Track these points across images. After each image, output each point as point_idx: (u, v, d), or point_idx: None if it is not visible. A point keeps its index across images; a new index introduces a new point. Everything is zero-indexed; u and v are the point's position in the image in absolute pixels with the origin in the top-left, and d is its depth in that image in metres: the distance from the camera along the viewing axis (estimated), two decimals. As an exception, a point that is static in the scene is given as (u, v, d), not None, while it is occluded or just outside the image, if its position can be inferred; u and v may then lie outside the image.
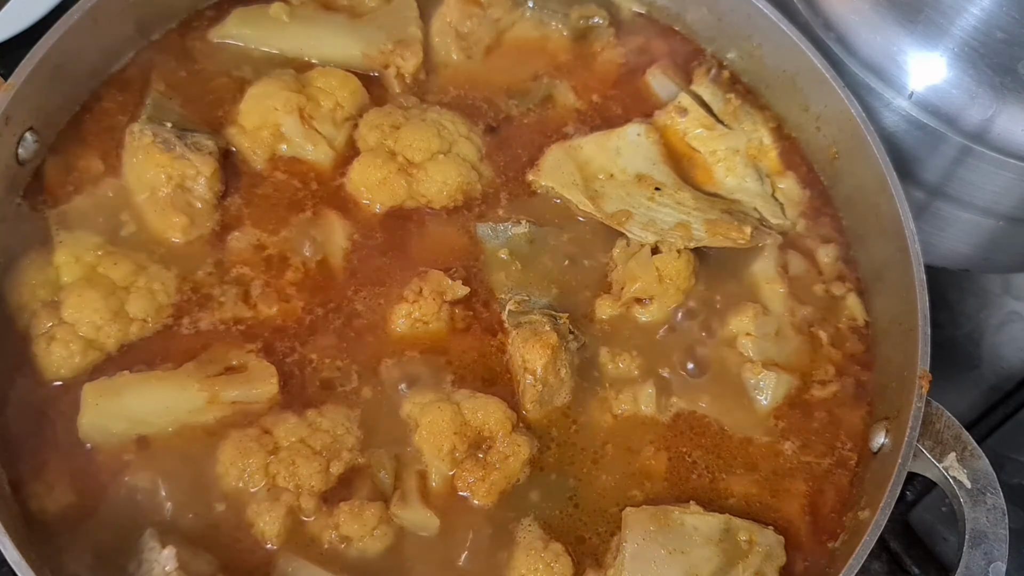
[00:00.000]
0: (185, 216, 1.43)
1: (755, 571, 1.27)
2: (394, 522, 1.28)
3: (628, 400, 1.41)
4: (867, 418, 1.45)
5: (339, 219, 1.48)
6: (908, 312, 1.41)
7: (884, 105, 1.58)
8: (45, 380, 1.31)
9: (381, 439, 1.33)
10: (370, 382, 1.37)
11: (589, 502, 1.34)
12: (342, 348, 1.39)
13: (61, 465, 1.27)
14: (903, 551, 1.72)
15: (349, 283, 1.44)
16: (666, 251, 1.47)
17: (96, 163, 1.47)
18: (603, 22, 1.72)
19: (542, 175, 1.55)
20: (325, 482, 1.27)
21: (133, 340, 1.36)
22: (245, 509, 1.26)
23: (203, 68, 1.58)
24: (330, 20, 1.62)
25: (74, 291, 1.34)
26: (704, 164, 1.61)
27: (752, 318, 1.46)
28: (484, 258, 1.48)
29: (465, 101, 1.62)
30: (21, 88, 1.37)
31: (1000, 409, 1.89)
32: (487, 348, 1.42)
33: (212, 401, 1.30)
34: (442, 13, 1.65)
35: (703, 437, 1.41)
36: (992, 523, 1.29)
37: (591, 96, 1.66)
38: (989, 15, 1.49)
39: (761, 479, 1.39)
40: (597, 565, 1.29)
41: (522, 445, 1.31)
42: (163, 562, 1.18)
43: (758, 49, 1.66)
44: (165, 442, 1.29)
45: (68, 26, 1.43)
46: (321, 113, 1.52)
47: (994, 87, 1.51)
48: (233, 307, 1.40)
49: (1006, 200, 1.60)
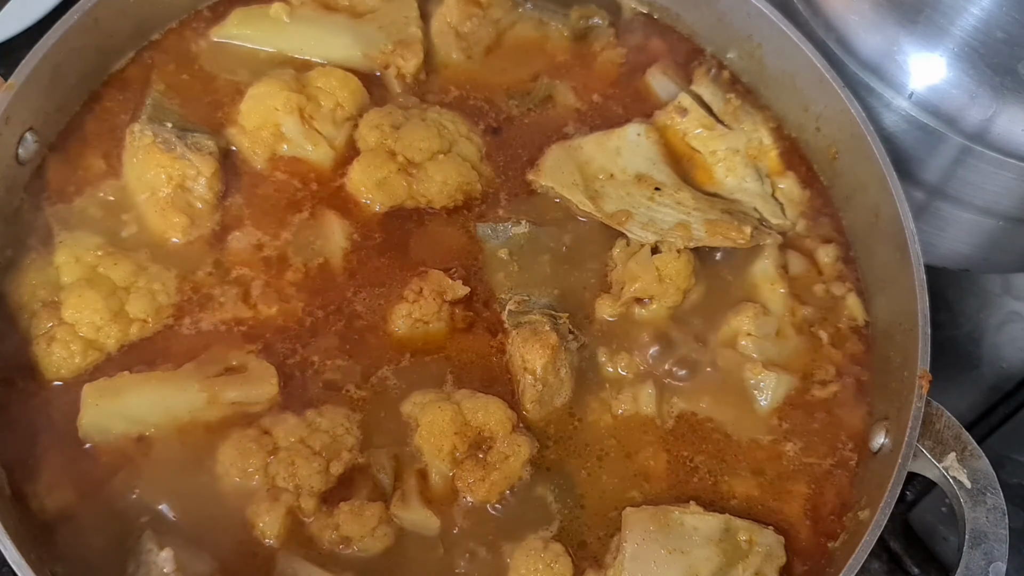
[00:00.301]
0: (185, 216, 1.43)
1: (755, 571, 1.27)
2: (394, 522, 1.28)
3: (628, 400, 1.41)
4: (867, 418, 1.45)
5: (339, 219, 1.48)
6: (908, 312, 1.40)
7: (884, 105, 1.58)
8: (45, 380, 1.32)
9: (381, 439, 1.33)
10: (370, 382, 1.37)
11: (589, 502, 1.34)
12: (342, 348, 1.39)
13: (61, 465, 1.27)
14: (903, 551, 1.72)
15: (349, 283, 1.44)
16: (666, 251, 1.47)
17: (96, 163, 1.47)
18: (603, 22, 1.72)
19: (542, 175, 1.55)
20: (325, 482, 1.27)
21: (133, 340, 1.36)
22: (245, 509, 1.26)
23: (203, 68, 1.58)
24: (330, 20, 1.62)
25: (74, 291, 1.34)
26: (704, 164, 1.61)
27: (752, 318, 1.46)
28: (484, 258, 1.48)
29: (465, 101, 1.62)
30: (21, 88, 1.37)
31: (1000, 409, 1.89)
32: (487, 348, 1.42)
33: (212, 402, 1.30)
34: (442, 13, 1.65)
35: (703, 437, 1.41)
36: (992, 523, 1.29)
37: (591, 96, 1.66)
38: (989, 15, 1.49)
39: (761, 479, 1.39)
40: (597, 565, 1.29)
41: (522, 445, 1.31)
42: (161, 563, 1.18)
43: (758, 49, 1.66)
44: (165, 442, 1.29)
45: (68, 26, 1.43)
46: (321, 113, 1.52)
47: (994, 87, 1.50)
48: (233, 307, 1.40)
49: (1006, 200, 1.60)
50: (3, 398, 1.30)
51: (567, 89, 1.65)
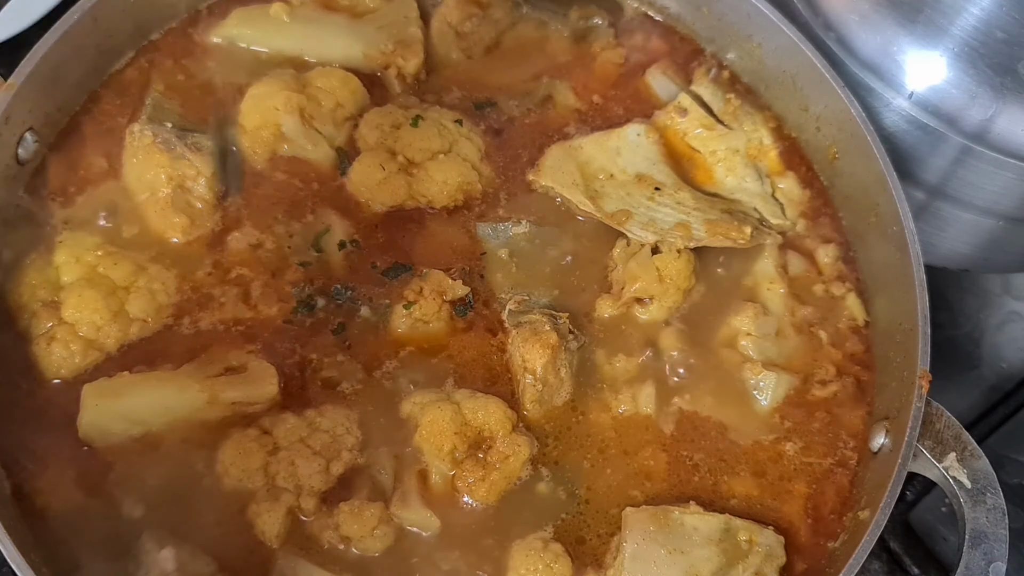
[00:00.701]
0: (185, 216, 1.43)
1: (755, 571, 1.27)
2: (394, 522, 1.28)
3: (628, 400, 1.41)
4: (867, 418, 1.44)
5: (339, 219, 1.48)
6: (908, 312, 1.40)
7: (884, 105, 1.58)
8: (45, 380, 1.32)
9: (381, 439, 1.33)
10: (370, 382, 1.37)
11: (589, 501, 1.34)
12: (342, 348, 1.39)
13: (61, 465, 1.27)
14: (903, 551, 1.71)
15: (349, 283, 1.44)
16: (666, 251, 1.47)
17: (96, 163, 1.47)
18: (603, 22, 1.72)
19: (542, 175, 1.55)
20: (325, 482, 1.27)
21: (133, 340, 1.36)
22: (245, 509, 1.26)
23: (203, 68, 1.58)
24: (330, 20, 1.62)
25: (74, 291, 1.34)
26: (704, 164, 1.61)
27: (752, 318, 1.46)
28: (484, 258, 1.48)
29: (466, 101, 1.62)
30: (21, 88, 1.37)
31: (1000, 409, 1.89)
32: (487, 348, 1.42)
33: (212, 402, 1.30)
34: (442, 13, 1.65)
35: (703, 437, 1.41)
36: (992, 523, 1.28)
37: (591, 96, 1.66)
38: (989, 15, 1.49)
39: (761, 479, 1.39)
40: (597, 565, 1.29)
41: (522, 445, 1.31)
42: (161, 563, 1.18)
43: (758, 49, 1.66)
44: (165, 443, 1.29)
45: (68, 26, 1.43)
46: (321, 113, 1.52)
47: (994, 87, 1.50)
48: (233, 307, 1.40)
49: (1006, 200, 1.60)
50: (3, 398, 1.30)
51: (567, 89, 1.65)
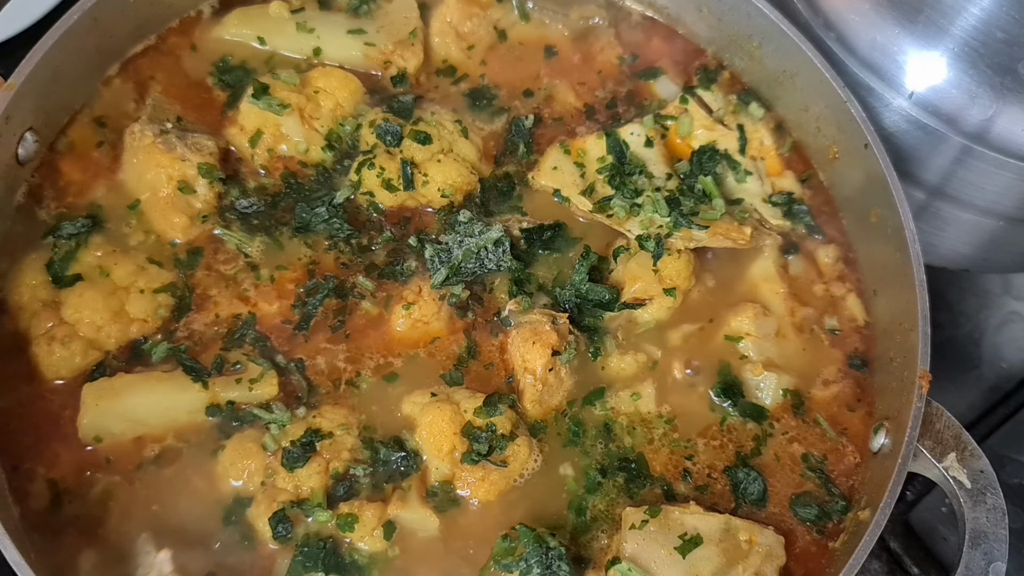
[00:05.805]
0: (185, 216, 1.43)
1: (755, 571, 1.27)
2: (394, 522, 1.27)
3: (628, 400, 1.41)
4: (867, 418, 1.45)
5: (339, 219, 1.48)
6: (908, 312, 1.40)
7: (884, 105, 1.58)
8: (45, 380, 1.32)
9: (381, 439, 1.33)
10: (370, 382, 1.37)
11: (589, 501, 1.34)
12: (342, 348, 1.39)
13: (61, 465, 1.27)
14: (903, 551, 1.72)
15: (349, 283, 1.44)
16: (666, 251, 1.47)
17: (96, 163, 1.47)
18: (603, 22, 1.72)
19: (542, 175, 1.55)
20: (325, 482, 1.27)
21: (133, 340, 1.36)
22: (245, 509, 1.26)
23: (203, 68, 1.58)
24: (330, 20, 1.62)
25: (74, 291, 1.34)
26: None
27: (752, 318, 1.46)
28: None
29: (465, 101, 1.62)
30: (21, 88, 1.37)
31: (1000, 409, 1.89)
32: (487, 348, 1.42)
33: (212, 402, 1.30)
34: (442, 13, 1.66)
35: (703, 437, 1.41)
36: (992, 523, 1.29)
37: (591, 96, 1.66)
38: (989, 15, 1.49)
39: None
40: (597, 565, 1.29)
41: (521, 445, 1.31)
42: (160, 563, 1.18)
43: (758, 49, 1.66)
44: (165, 443, 1.29)
45: (68, 26, 1.43)
46: (321, 113, 1.52)
47: (994, 87, 1.50)
48: (233, 307, 1.39)
49: (1006, 200, 1.60)
50: (3, 398, 1.30)
51: (567, 89, 1.66)
